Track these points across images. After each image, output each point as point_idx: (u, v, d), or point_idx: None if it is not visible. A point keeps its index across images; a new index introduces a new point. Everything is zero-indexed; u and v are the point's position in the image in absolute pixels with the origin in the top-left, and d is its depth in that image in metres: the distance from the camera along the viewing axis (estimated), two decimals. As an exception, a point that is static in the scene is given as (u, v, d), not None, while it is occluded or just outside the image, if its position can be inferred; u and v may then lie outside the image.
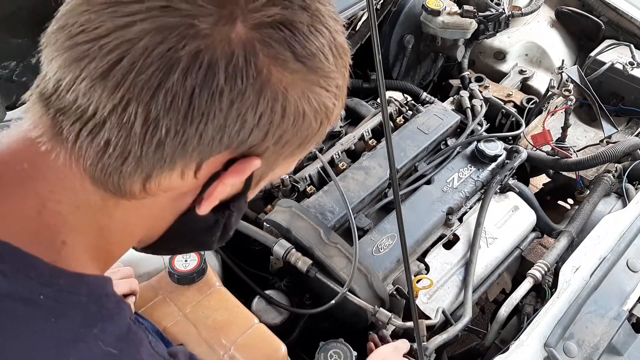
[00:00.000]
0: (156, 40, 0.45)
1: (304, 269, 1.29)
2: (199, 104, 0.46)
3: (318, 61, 0.51)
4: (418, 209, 1.49)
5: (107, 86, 0.45)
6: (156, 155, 0.48)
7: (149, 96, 0.45)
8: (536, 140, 1.73)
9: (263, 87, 0.48)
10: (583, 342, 1.22)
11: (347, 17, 1.88)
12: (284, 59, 0.48)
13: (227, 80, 0.46)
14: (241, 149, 0.51)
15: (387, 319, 1.24)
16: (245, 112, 0.48)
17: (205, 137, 0.48)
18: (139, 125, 0.46)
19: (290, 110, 0.51)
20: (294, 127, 0.52)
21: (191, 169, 0.51)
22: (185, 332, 1.18)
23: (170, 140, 0.47)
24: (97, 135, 0.47)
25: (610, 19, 2.21)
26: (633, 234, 1.41)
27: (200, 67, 0.45)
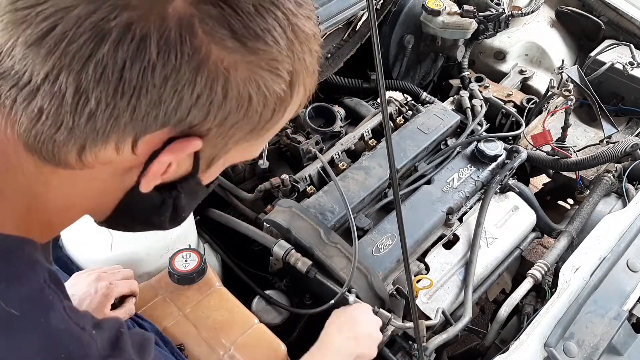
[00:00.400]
0: (89, 9, 0.44)
1: (304, 270, 1.29)
2: (129, 78, 0.45)
3: (262, 43, 0.49)
4: (418, 209, 1.49)
5: (41, 53, 0.45)
6: (88, 127, 0.48)
7: (80, 66, 0.45)
8: (536, 140, 1.73)
9: (201, 65, 0.47)
10: (583, 342, 1.21)
11: (347, 17, 1.88)
12: (221, 36, 0.47)
13: (159, 55, 0.45)
14: (180, 127, 0.50)
15: (387, 320, 1.24)
16: (181, 90, 0.47)
17: (139, 111, 0.47)
18: (69, 95, 0.46)
19: (233, 93, 0.49)
20: (239, 111, 0.51)
21: (127, 143, 0.50)
22: (185, 332, 1.18)
23: (102, 112, 0.47)
24: (31, 102, 0.47)
25: (610, 19, 2.21)
26: (633, 234, 1.41)
27: (132, 40, 0.45)
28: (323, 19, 1.80)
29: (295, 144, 1.67)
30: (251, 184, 1.62)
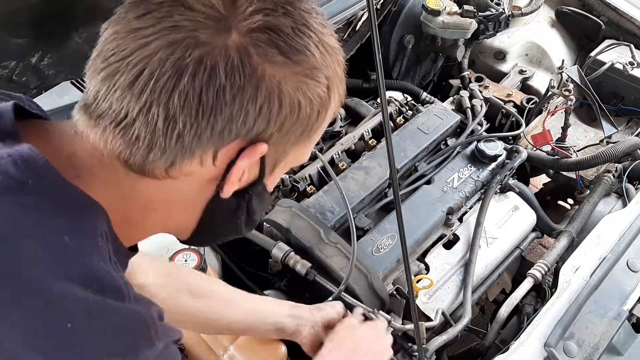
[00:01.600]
0: (168, 52, 0.56)
1: (303, 272, 1.29)
2: (207, 101, 0.57)
3: (303, 56, 0.61)
4: (418, 209, 1.49)
5: (134, 93, 0.57)
6: (177, 146, 0.59)
7: (167, 98, 0.57)
8: (536, 140, 1.73)
9: (259, 82, 0.58)
10: (583, 342, 1.21)
11: (347, 17, 1.88)
12: (272, 55, 0.59)
13: (227, 78, 0.57)
14: (249, 137, 0.61)
15: (387, 322, 1.24)
16: (246, 104, 0.59)
17: (216, 128, 0.59)
18: (161, 123, 0.57)
19: (287, 101, 0.61)
20: (292, 116, 0.62)
21: (209, 156, 0.61)
22: (185, 332, 1.17)
23: (188, 132, 0.58)
24: (127, 132, 0.59)
25: (610, 19, 2.21)
26: (633, 234, 1.41)
27: (204, 70, 0.56)
28: (323, 18, 1.80)
29: (295, 144, 1.67)
30: (251, 184, 1.62)
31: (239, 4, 0.59)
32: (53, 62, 1.10)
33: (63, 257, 0.56)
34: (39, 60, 1.10)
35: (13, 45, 1.08)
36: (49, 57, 1.11)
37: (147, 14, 0.59)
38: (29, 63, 1.14)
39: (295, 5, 0.62)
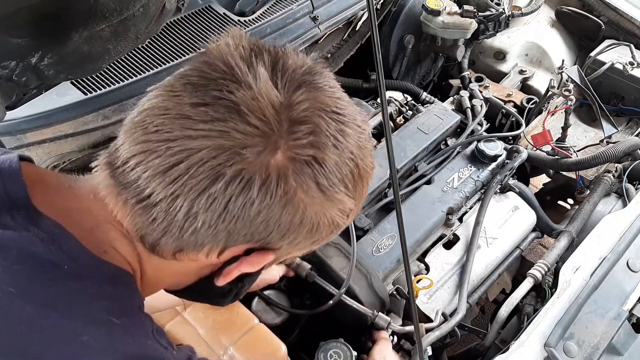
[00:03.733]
0: (211, 155, 0.56)
1: (303, 274, 1.29)
2: (232, 209, 0.58)
3: (337, 191, 0.62)
4: (418, 209, 1.49)
5: (165, 180, 0.57)
6: (190, 239, 0.61)
7: (195, 196, 0.57)
8: (536, 140, 1.73)
9: (287, 203, 0.60)
10: (583, 342, 1.21)
11: (347, 17, 1.88)
12: (308, 187, 0.60)
13: (259, 194, 0.58)
14: (260, 243, 0.63)
15: (387, 324, 1.24)
16: (268, 220, 0.60)
17: (233, 232, 0.60)
18: (181, 215, 0.59)
19: (307, 222, 0.62)
20: (307, 234, 0.64)
21: (216, 252, 0.63)
22: (185, 332, 1.18)
23: (204, 230, 0.60)
24: (147, 212, 0.60)
25: (610, 19, 2.21)
26: (633, 234, 1.41)
27: (240, 181, 0.57)
28: (323, 19, 1.80)
29: (295, 144, 1.67)
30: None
31: (294, 129, 0.59)
32: (53, 62, 1.10)
33: (113, 341, 0.59)
34: (39, 60, 1.10)
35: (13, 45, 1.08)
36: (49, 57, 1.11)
37: (202, 105, 0.58)
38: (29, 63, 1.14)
39: (346, 133, 0.63)
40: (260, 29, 1.65)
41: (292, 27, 1.72)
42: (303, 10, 1.75)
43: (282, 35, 1.69)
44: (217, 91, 0.58)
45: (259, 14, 1.69)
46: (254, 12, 1.68)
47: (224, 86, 0.58)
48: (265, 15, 1.69)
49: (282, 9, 1.72)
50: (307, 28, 1.75)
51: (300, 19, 1.74)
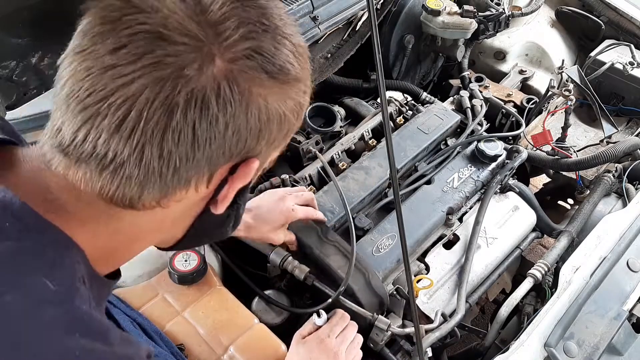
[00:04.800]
0: (155, 91, 0.54)
1: (301, 277, 1.28)
2: (201, 133, 0.57)
3: (286, 72, 0.62)
4: (418, 209, 1.49)
5: (123, 136, 0.55)
6: (174, 179, 0.59)
7: (160, 137, 0.55)
8: (536, 140, 1.73)
9: (248, 105, 0.59)
10: (583, 342, 1.22)
11: (347, 17, 1.88)
12: (260, 79, 0.59)
13: (219, 108, 0.57)
14: (241, 155, 0.62)
15: (387, 326, 1.24)
16: (238, 129, 0.59)
17: (212, 156, 0.59)
18: (156, 162, 0.56)
19: (274, 116, 0.62)
20: (278, 127, 0.64)
21: (204, 182, 0.62)
22: (185, 332, 1.18)
23: (184, 165, 0.58)
24: (118, 174, 0.57)
25: (610, 19, 2.21)
26: (633, 234, 1.41)
27: (195, 104, 0.55)
28: (323, 19, 1.80)
29: (295, 143, 1.67)
30: (251, 184, 1.62)
31: (219, 30, 0.57)
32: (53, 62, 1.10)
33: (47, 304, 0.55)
34: (39, 61, 1.10)
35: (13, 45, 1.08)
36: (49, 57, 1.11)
37: (120, 48, 0.54)
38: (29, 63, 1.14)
39: (269, 14, 0.61)
40: (260, 29, 1.65)
41: (292, 27, 1.72)
42: (303, 10, 1.75)
43: (282, 35, 1.69)
44: (127, 29, 0.55)
45: (259, 14, 1.68)
46: (254, 12, 1.68)
47: (132, 20, 0.55)
48: (265, 15, 1.69)
49: (282, 9, 1.72)
50: (307, 28, 1.75)
51: (300, 19, 1.74)
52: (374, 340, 1.29)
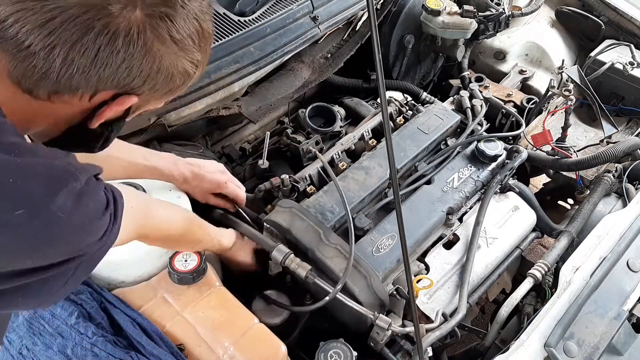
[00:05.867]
0: (81, 10, 0.68)
1: (303, 275, 1.28)
2: (102, 57, 0.71)
3: (187, 44, 0.77)
4: (418, 209, 1.49)
5: (42, 33, 0.68)
6: (67, 82, 0.72)
7: (69, 45, 0.69)
8: (536, 140, 1.73)
9: (147, 53, 0.73)
10: (583, 342, 1.22)
11: (347, 17, 1.88)
12: (164, 39, 0.74)
13: (123, 45, 0.71)
14: (125, 88, 0.76)
15: (388, 325, 1.24)
16: (131, 67, 0.73)
17: (103, 76, 0.73)
18: (58, 62, 0.70)
19: (164, 70, 0.76)
20: (164, 82, 0.78)
21: (88, 95, 0.75)
22: (185, 332, 1.18)
23: (78, 75, 0.71)
24: (27, 60, 0.70)
25: (610, 19, 2.21)
26: (633, 234, 1.41)
27: (107, 33, 0.70)
28: (323, 19, 1.80)
29: (295, 144, 1.67)
30: (251, 184, 1.62)
31: None
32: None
33: None
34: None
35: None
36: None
37: None
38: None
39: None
40: (260, 29, 1.65)
41: (292, 27, 1.72)
42: (303, 10, 1.75)
43: (282, 35, 1.69)
44: None
45: (259, 14, 1.69)
46: (254, 12, 1.68)
47: None
48: (265, 15, 1.69)
49: (282, 9, 1.72)
50: (307, 28, 1.75)
51: (300, 19, 1.74)
52: (374, 340, 1.29)
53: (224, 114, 1.63)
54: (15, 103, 0.74)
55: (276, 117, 1.90)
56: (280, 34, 1.69)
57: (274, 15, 1.70)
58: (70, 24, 0.68)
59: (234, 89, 1.62)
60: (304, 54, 1.86)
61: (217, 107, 1.61)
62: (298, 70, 1.85)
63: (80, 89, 0.73)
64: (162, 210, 1.16)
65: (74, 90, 0.73)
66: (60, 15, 0.67)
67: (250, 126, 1.84)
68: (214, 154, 1.66)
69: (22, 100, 0.75)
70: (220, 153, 1.75)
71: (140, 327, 1.13)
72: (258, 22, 1.66)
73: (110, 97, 0.77)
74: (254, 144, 1.80)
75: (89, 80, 0.72)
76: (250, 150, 1.76)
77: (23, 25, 0.68)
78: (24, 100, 0.75)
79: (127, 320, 1.14)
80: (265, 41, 1.65)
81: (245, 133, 1.85)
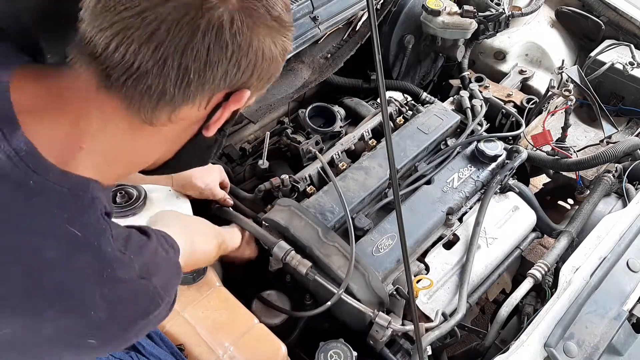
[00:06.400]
0: (182, 13, 0.64)
1: (303, 272, 1.28)
2: (212, 55, 0.66)
3: (285, 19, 0.73)
4: (418, 209, 1.49)
5: (150, 47, 0.64)
6: (185, 94, 0.68)
7: (180, 52, 0.65)
8: (536, 140, 1.73)
9: (252, 39, 0.69)
10: (583, 342, 1.22)
11: (347, 17, 1.88)
12: (265, 19, 0.70)
13: (230, 36, 0.67)
14: (236, 85, 0.72)
15: (387, 323, 1.24)
16: (240, 59, 0.69)
17: (217, 76, 0.69)
18: (173, 74, 0.66)
19: (267, 54, 0.72)
20: (268, 65, 0.74)
21: (205, 102, 0.71)
22: (185, 332, 1.18)
23: (194, 82, 0.67)
24: (140, 83, 0.66)
25: (610, 19, 2.21)
26: (633, 234, 1.41)
27: (212, 29, 0.65)
28: (323, 19, 1.80)
29: (295, 144, 1.67)
30: (251, 184, 1.62)
31: None
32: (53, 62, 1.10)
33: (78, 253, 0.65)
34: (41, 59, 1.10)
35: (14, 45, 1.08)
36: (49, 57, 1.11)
37: None
38: (29, 62, 1.14)
39: None
40: (260, 29, 1.65)
41: (292, 27, 1.72)
42: (303, 10, 1.75)
43: (282, 35, 1.69)
44: None
45: (259, 14, 1.68)
46: (254, 12, 1.68)
47: None
48: (265, 15, 1.69)
49: (282, 9, 1.72)
50: (307, 28, 1.75)
51: (300, 19, 1.74)
52: (374, 338, 1.29)
53: (224, 114, 1.62)
54: (130, 146, 0.72)
55: (276, 117, 1.90)
56: (280, 34, 1.69)
57: (274, 15, 1.69)
58: (176, 29, 0.64)
59: (234, 89, 1.62)
60: (304, 54, 1.86)
61: (217, 107, 1.61)
62: (298, 70, 1.85)
63: (197, 96, 0.70)
64: (201, 242, 1.19)
65: (192, 100, 0.70)
66: (164, 24, 0.64)
67: (250, 126, 1.84)
68: (214, 154, 1.66)
69: (139, 138, 0.72)
70: (221, 153, 1.75)
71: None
72: (258, 22, 1.66)
73: (223, 97, 0.74)
74: (254, 144, 1.80)
75: (205, 85, 0.69)
76: (250, 150, 1.76)
77: (128, 45, 0.64)
78: (140, 136, 0.72)
79: (127, 320, 1.14)
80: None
81: (245, 133, 1.85)
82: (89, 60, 0.66)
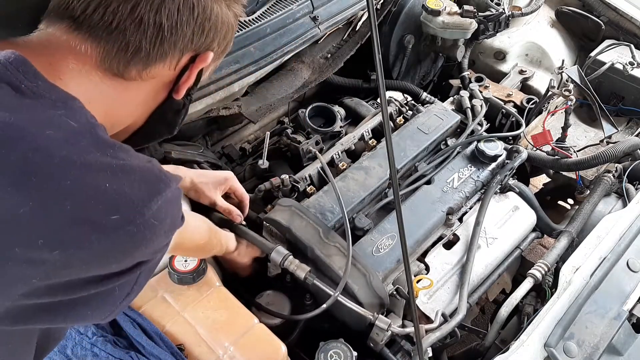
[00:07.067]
0: None
1: (302, 277, 1.28)
2: (182, 14, 0.73)
3: None
4: (418, 209, 1.49)
5: (127, 7, 0.70)
6: (159, 51, 0.74)
7: (155, 10, 0.71)
8: (536, 140, 1.73)
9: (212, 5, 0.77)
10: (583, 342, 1.21)
11: (347, 17, 1.88)
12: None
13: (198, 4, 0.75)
14: (202, 47, 0.80)
15: (387, 325, 1.23)
16: (204, 21, 0.77)
17: (185, 37, 0.76)
18: (150, 29, 0.72)
19: (225, 23, 0.81)
20: (226, 33, 0.82)
21: (175, 61, 0.78)
22: (185, 332, 1.18)
23: (167, 39, 0.74)
24: (118, 39, 0.71)
25: (610, 19, 2.21)
26: (633, 234, 1.41)
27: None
28: (323, 19, 1.80)
29: (295, 144, 1.67)
30: (251, 184, 1.62)
31: None
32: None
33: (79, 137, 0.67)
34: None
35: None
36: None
37: None
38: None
39: None
40: (260, 29, 1.65)
41: (292, 27, 1.72)
42: (303, 10, 1.75)
43: (282, 35, 1.69)
44: None
45: (259, 14, 1.69)
46: (254, 12, 1.68)
47: None
48: (265, 15, 1.69)
49: (282, 9, 1.72)
50: (307, 28, 1.75)
51: (300, 19, 1.74)
52: (374, 340, 1.29)
53: (224, 114, 1.63)
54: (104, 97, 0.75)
55: (276, 117, 1.90)
56: (280, 34, 1.69)
57: (274, 15, 1.70)
58: None
59: (234, 89, 1.62)
60: (304, 54, 1.86)
61: (217, 107, 1.61)
62: (298, 70, 1.85)
63: (169, 54, 0.75)
64: (191, 218, 1.15)
65: (164, 58, 0.75)
66: None
67: (250, 126, 1.84)
68: (214, 154, 1.66)
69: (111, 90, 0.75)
70: (220, 153, 1.75)
71: (140, 327, 1.13)
72: (258, 22, 1.66)
73: (190, 59, 0.80)
74: (254, 144, 1.80)
75: (177, 43, 0.75)
76: (250, 150, 1.76)
77: (106, 7, 0.70)
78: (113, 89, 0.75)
79: (127, 320, 1.14)
80: (265, 41, 1.65)
81: (245, 133, 1.85)
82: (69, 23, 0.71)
